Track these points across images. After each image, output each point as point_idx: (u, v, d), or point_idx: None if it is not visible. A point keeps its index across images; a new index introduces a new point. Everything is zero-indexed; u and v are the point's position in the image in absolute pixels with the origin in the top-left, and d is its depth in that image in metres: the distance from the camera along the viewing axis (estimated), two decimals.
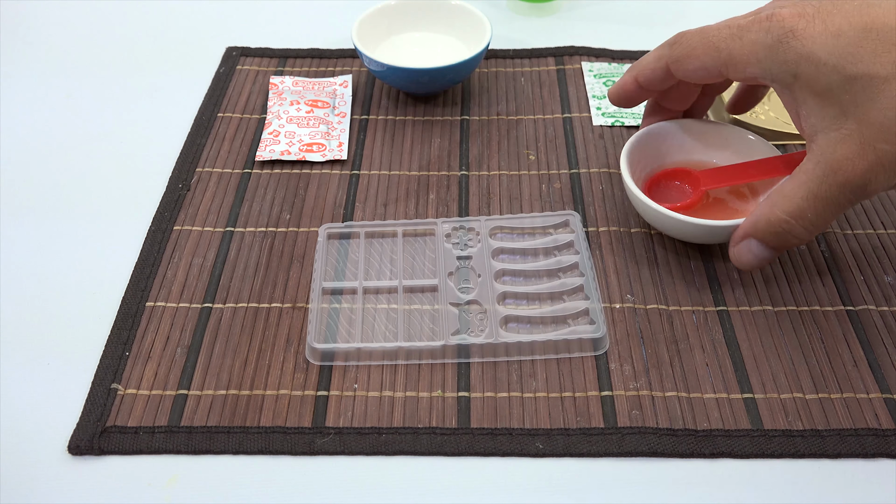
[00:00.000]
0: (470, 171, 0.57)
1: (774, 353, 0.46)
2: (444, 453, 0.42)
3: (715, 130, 0.53)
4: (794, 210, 0.42)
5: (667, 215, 0.47)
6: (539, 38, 0.71)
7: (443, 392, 0.44)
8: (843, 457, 0.41)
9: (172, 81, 0.66)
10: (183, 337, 0.47)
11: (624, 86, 0.50)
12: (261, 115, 0.62)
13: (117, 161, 0.59)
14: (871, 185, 0.40)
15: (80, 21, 0.74)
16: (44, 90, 0.66)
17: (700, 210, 0.50)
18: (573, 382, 0.45)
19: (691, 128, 0.53)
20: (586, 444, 0.42)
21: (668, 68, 0.47)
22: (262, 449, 0.42)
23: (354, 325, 0.47)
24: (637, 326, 0.47)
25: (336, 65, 0.68)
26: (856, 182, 0.40)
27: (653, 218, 0.49)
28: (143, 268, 0.51)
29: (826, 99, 0.40)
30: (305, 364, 0.46)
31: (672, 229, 0.49)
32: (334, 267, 0.50)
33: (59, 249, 0.53)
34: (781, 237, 0.43)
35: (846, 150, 0.40)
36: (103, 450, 0.42)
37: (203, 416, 0.43)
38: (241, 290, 0.49)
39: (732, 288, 0.49)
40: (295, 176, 0.57)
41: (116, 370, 0.45)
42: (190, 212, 0.55)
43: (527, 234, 0.53)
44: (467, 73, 0.61)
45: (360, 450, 0.42)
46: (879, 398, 0.44)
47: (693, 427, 0.42)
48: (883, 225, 0.53)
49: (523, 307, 0.48)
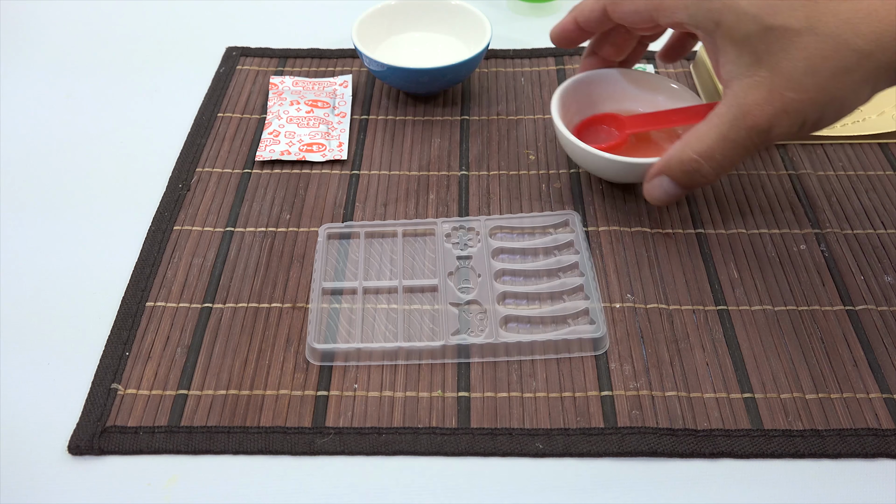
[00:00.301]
0: (470, 171, 0.57)
1: (774, 353, 0.46)
2: (444, 453, 0.42)
3: (644, 79, 0.56)
4: (704, 150, 0.45)
5: (591, 153, 0.50)
6: (539, 38, 0.71)
7: (443, 392, 0.44)
8: (843, 457, 0.41)
9: (172, 81, 0.66)
10: (183, 337, 0.47)
11: (564, 26, 0.53)
12: (261, 115, 0.62)
13: (117, 161, 0.59)
14: (775, 130, 0.43)
15: (79, 21, 0.74)
16: (44, 90, 0.66)
17: (628, 152, 0.53)
18: (573, 382, 0.45)
19: (622, 77, 0.56)
20: (586, 444, 0.42)
21: (605, 10, 0.49)
22: (262, 449, 0.42)
23: (354, 325, 0.47)
24: (637, 326, 0.47)
25: (336, 65, 0.68)
26: (762, 126, 0.42)
27: (579, 157, 0.52)
28: (143, 268, 0.51)
29: (743, 47, 0.42)
30: (305, 364, 0.46)
31: (596, 167, 0.52)
32: (334, 267, 0.50)
33: (60, 249, 0.53)
34: (690, 175, 0.46)
35: (756, 96, 0.42)
36: (103, 450, 0.42)
37: (203, 416, 0.43)
38: (241, 290, 0.49)
39: (732, 288, 0.49)
40: (295, 176, 0.57)
41: (116, 370, 0.45)
42: (190, 212, 0.55)
43: (527, 233, 0.53)
44: (467, 73, 0.61)
45: (360, 450, 0.42)
46: (879, 398, 0.44)
47: (693, 427, 0.42)
48: (883, 225, 0.53)
49: (523, 307, 0.48)
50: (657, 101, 0.56)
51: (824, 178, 0.56)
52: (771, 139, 0.43)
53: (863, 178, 0.56)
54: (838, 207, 0.54)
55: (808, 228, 0.53)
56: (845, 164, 0.57)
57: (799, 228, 0.53)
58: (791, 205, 0.54)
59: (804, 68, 0.41)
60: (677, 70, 0.66)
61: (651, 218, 0.54)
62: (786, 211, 0.54)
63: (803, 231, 0.53)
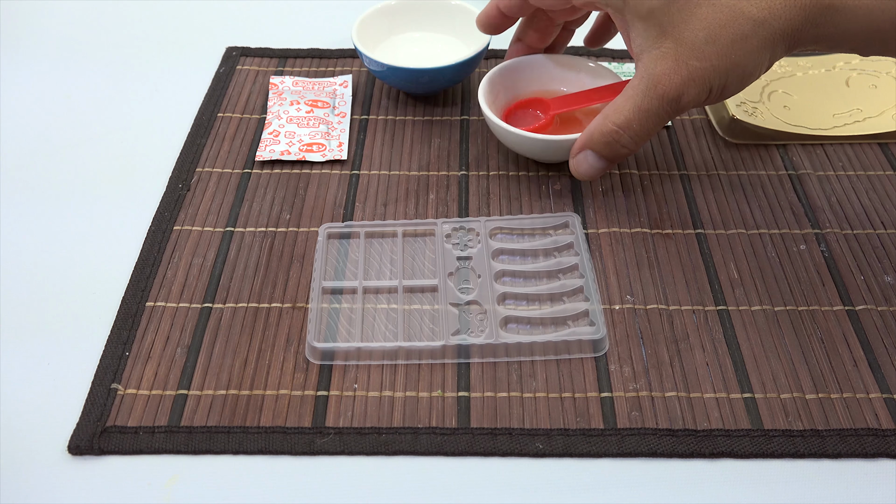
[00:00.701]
0: (470, 172, 0.57)
1: (774, 353, 0.46)
2: (444, 453, 0.42)
3: (566, 62, 0.59)
4: (622, 121, 0.47)
5: (518, 135, 0.53)
6: None
7: (443, 392, 0.44)
8: (843, 457, 0.41)
9: (172, 81, 0.66)
10: (183, 337, 0.47)
11: (488, 13, 0.55)
12: (261, 115, 0.62)
13: (117, 161, 0.59)
14: (685, 98, 0.45)
15: (80, 21, 0.74)
16: (44, 90, 0.66)
17: (555, 132, 0.56)
18: (573, 383, 0.45)
19: (546, 61, 0.60)
20: (586, 445, 0.42)
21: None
22: (262, 449, 0.42)
23: (354, 325, 0.47)
24: (637, 327, 0.47)
25: (336, 65, 0.68)
26: (672, 95, 0.45)
27: (508, 140, 0.55)
28: (143, 268, 0.51)
29: (649, 21, 0.45)
30: (305, 364, 0.46)
31: (525, 148, 0.55)
32: (334, 267, 0.50)
33: (60, 249, 0.53)
34: (612, 147, 0.49)
35: (664, 66, 0.45)
36: (103, 450, 0.42)
37: (203, 416, 0.43)
38: (241, 290, 0.49)
39: (732, 288, 0.49)
40: (295, 176, 0.57)
41: (116, 370, 0.45)
42: (190, 212, 0.55)
43: (527, 234, 0.53)
44: (467, 73, 0.61)
45: (360, 450, 0.42)
46: (879, 398, 0.44)
47: (693, 427, 0.42)
48: (883, 225, 0.53)
49: (523, 308, 0.48)
50: (581, 80, 0.59)
51: (824, 178, 0.56)
52: (682, 107, 0.46)
53: (863, 178, 0.56)
54: (838, 207, 0.54)
55: (808, 228, 0.53)
56: (845, 164, 0.57)
57: (799, 228, 0.53)
58: (791, 205, 0.54)
59: (704, 37, 0.43)
60: None
61: (651, 219, 0.54)
62: (786, 211, 0.54)
63: (803, 231, 0.53)
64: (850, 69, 0.64)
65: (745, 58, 0.43)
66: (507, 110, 0.58)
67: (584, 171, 0.51)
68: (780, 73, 0.64)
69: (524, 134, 0.53)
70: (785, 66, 0.65)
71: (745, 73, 0.44)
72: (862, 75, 0.63)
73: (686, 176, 0.57)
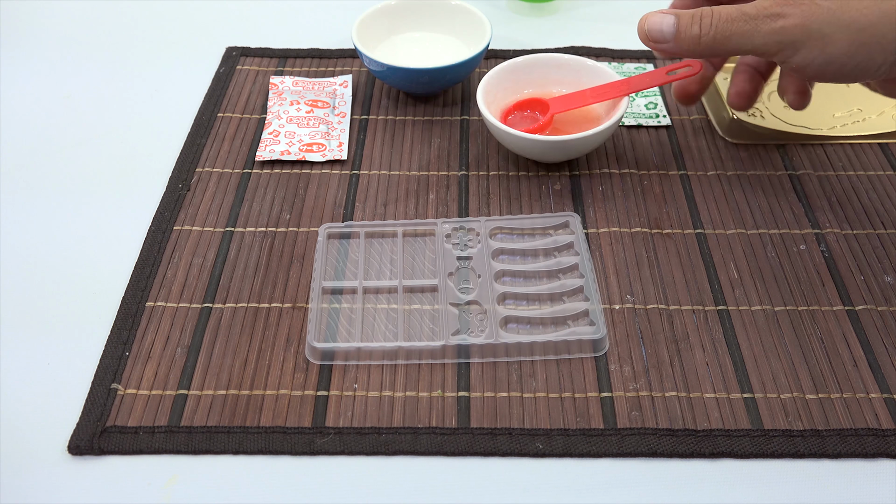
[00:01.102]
0: (470, 172, 0.57)
1: (774, 353, 0.46)
2: (444, 453, 0.42)
3: (565, 62, 0.60)
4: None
5: (516, 135, 0.53)
6: (539, 38, 0.71)
7: (443, 392, 0.44)
8: (843, 457, 0.41)
9: (172, 81, 0.66)
10: (183, 337, 0.47)
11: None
12: (261, 115, 0.62)
13: (117, 161, 0.59)
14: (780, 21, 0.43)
15: (80, 21, 0.74)
16: (44, 90, 0.66)
17: (554, 132, 0.57)
18: (573, 383, 0.45)
19: (545, 62, 0.60)
20: (586, 445, 0.42)
21: None
22: (262, 449, 0.42)
23: (354, 325, 0.47)
24: (637, 327, 0.47)
25: (336, 65, 0.68)
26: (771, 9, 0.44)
27: (507, 141, 0.55)
28: (143, 268, 0.51)
29: None
30: (305, 364, 0.46)
31: (523, 148, 0.55)
32: (334, 267, 0.50)
33: (60, 249, 0.53)
34: (688, 27, 0.46)
35: None
36: (103, 450, 0.42)
37: (203, 416, 0.43)
38: (241, 290, 0.49)
39: (732, 288, 0.49)
40: (295, 176, 0.57)
41: (116, 370, 0.45)
42: (190, 212, 0.55)
43: (527, 234, 0.53)
44: (467, 73, 0.61)
45: (360, 450, 0.42)
46: (879, 398, 0.44)
47: (693, 427, 0.42)
48: (883, 225, 0.53)
49: (523, 308, 0.48)
50: (580, 80, 0.59)
51: (824, 178, 0.56)
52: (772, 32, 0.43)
53: (863, 178, 0.56)
54: (838, 207, 0.54)
55: (808, 228, 0.53)
56: (845, 164, 0.57)
57: (799, 228, 0.53)
58: (791, 205, 0.54)
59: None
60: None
61: (651, 218, 0.54)
62: (786, 211, 0.54)
63: (803, 231, 0.53)
64: None
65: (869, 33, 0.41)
66: (506, 111, 0.58)
67: (653, 23, 0.48)
68: None
69: (523, 135, 0.53)
70: None
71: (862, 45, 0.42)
72: None
73: (686, 176, 0.57)
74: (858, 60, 0.42)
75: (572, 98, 0.57)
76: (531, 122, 0.57)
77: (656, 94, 0.64)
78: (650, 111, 0.62)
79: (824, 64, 0.43)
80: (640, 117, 0.62)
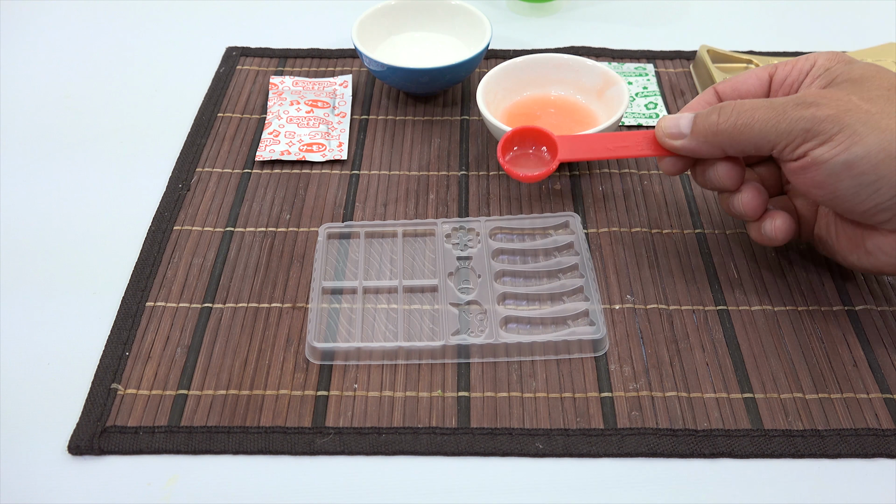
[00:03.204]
0: (470, 172, 0.57)
1: (774, 353, 0.46)
2: (444, 453, 0.42)
3: (565, 62, 0.59)
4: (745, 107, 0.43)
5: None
6: (539, 38, 0.71)
7: (443, 392, 0.44)
8: (843, 457, 0.41)
9: (172, 81, 0.66)
10: (183, 337, 0.47)
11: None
12: (261, 115, 0.62)
13: (117, 161, 0.59)
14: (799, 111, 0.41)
15: (79, 21, 0.74)
16: (43, 90, 0.66)
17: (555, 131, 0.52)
18: (573, 383, 0.45)
19: (545, 62, 0.60)
20: (586, 445, 0.42)
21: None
22: (262, 449, 0.42)
23: (354, 325, 0.47)
24: (637, 327, 0.47)
25: (336, 65, 0.68)
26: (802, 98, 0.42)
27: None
28: (143, 268, 0.51)
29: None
30: (305, 364, 0.46)
31: None
32: (334, 267, 0.50)
33: (60, 249, 0.53)
34: (707, 119, 0.43)
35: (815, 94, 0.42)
36: (103, 450, 0.42)
37: (203, 416, 0.43)
38: (241, 290, 0.49)
39: (732, 288, 0.49)
40: (295, 176, 0.57)
41: (116, 370, 0.45)
42: (190, 212, 0.55)
43: (527, 235, 0.53)
44: (467, 73, 0.61)
45: (360, 450, 0.42)
46: (879, 398, 0.44)
47: (693, 427, 0.42)
48: None
49: (523, 308, 0.48)
50: (580, 81, 0.59)
51: None
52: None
53: None
54: None
55: None
56: None
57: None
58: None
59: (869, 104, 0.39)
60: (677, 70, 0.66)
61: (651, 218, 0.54)
62: None
63: None
64: None
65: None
66: (506, 139, 0.51)
67: (670, 119, 0.46)
68: None
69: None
70: None
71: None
72: None
73: (686, 176, 0.57)
74: (880, 174, 0.39)
75: (583, 144, 0.50)
76: (536, 163, 0.51)
77: (656, 95, 0.64)
78: (650, 111, 0.62)
79: (845, 165, 0.39)
80: (640, 117, 0.62)
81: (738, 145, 0.43)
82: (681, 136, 0.45)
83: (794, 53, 0.68)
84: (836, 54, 0.43)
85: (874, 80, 0.41)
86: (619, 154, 0.49)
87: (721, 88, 0.47)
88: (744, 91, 0.46)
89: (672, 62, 0.67)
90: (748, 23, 0.73)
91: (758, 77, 0.46)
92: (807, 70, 0.44)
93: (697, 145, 0.44)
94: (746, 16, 0.74)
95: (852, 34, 0.71)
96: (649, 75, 0.66)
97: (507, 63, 0.59)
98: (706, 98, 0.47)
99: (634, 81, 0.65)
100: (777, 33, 0.71)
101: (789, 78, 0.44)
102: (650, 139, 0.48)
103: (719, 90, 0.47)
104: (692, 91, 0.64)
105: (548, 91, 0.60)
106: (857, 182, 0.39)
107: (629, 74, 0.66)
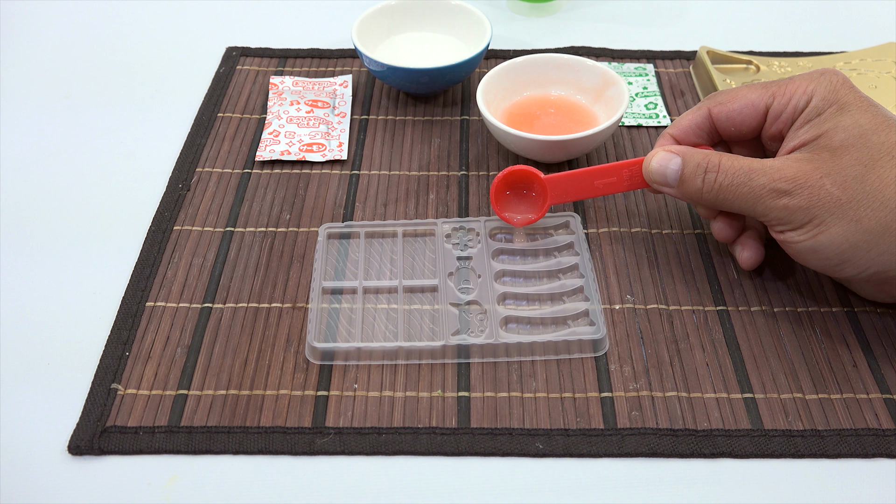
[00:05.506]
0: (470, 172, 0.57)
1: (774, 353, 0.46)
2: (444, 453, 0.42)
3: (565, 62, 0.60)
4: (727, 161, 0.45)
5: (516, 135, 0.53)
6: (539, 38, 0.71)
7: (443, 392, 0.44)
8: (843, 457, 0.41)
9: (172, 81, 0.66)
10: (183, 337, 0.47)
11: (662, 145, 0.49)
12: (261, 115, 0.62)
13: (117, 161, 0.59)
14: (783, 201, 0.43)
15: (80, 21, 0.74)
16: (44, 91, 0.66)
17: (554, 128, 0.57)
18: (573, 383, 0.45)
19: (544, 62, 0.60)
20: (586, 445, 0.42)
21: (708, 114, 0.47)
22: (262, 449, 0.42)
23: (354, 325, 0.47)
24: (637, 327, 0.47)
25: (336, 65, 0.68)
26: (782, 187, 0.43)
27: (507, 141, 0.55)
28: (143, 268, 0.51)
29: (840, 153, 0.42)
30: (305, 364, 0.46)
31: (524, 149, 0.55)
32: (334, 267, 0.50)
33: (60, 250, 0.53)
34: (697, 171, 0.45)
35: (806, 168, 0.43)
36: (103, 450, 0.42)
37: (203, 416, 0.43)
38: (241, 290, 0.49)
39: (732, 288, 0.49)
40: (295, 176, 0.57)
41: (116, 370, 0.45)
42: (190, 212, 0.55)
43: (527, 235, 0.53)
44: (467, 73, 0.61)
45: (360, 450, 0.42)
46: (879, 398, 0.44)
47: (693, 427, 0.43)
48: None
49: (523, 308, 0.48)
50: (580, 81, 0.59)
51: None
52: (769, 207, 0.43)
53: None
54: None
55: None
56: None
57: None
58: None
59: (862, 183, 0.41)
60: (677, 70, 0.66)
61: (651, 219, 0.54)
62: None
63: None
64: (850, 69, 0.64)
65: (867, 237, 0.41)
66: (498, 182, 0.51)
67: (658, 165, 0.47)
68: (780, 73, 0.64)
69: (523, 135, 0.53)
70: (785, 67, 0.65)
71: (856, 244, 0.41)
72: (862, 76, 0.63)
73: None
74: (844, 258, 0.42)
75: (573, 185, 0.51)
76: (528, 208, 0.51)
77: (656, 95, 0.64)
78: (650, 111, 0.62)
79: (810, 250, 0.42)
80: (640, 117, 0.62)
81: (720, 208, 0.46)
82: (668, 185, 0.48)
83: (794, 54, 0.68)
84: (832, 89, 0.43)
85: (853, 151, 0.41)
86: (609, 190, 0.51)
87: (716, 113, 0.47)
88: (739, 122, 0.46)
89: (672, 62, 0.67)
90: (748, 23, 0.73)
91: (754, 107, 0.46)
92: (801, 108, 0.44)
93: (682, 199, 0.48)
94: (746, 16, 0.74)
95: (852, 34, 0.71)
96: (649, 75, 0.66)
97: (507, 63, 0.59)
98: (697, 120, 0.48)
99: (634, 81, 0.65)
100: (777, 33, 0.71)
101: (784, 114, 0.45)
102: (638, 173, 0.50)
103: (714, 114, 0.47)
104: (692, 91, 0.64)
105: (548, 91, 0.60)
106: (824, 263, 0.43)
107: (629, 74, 0.66)
